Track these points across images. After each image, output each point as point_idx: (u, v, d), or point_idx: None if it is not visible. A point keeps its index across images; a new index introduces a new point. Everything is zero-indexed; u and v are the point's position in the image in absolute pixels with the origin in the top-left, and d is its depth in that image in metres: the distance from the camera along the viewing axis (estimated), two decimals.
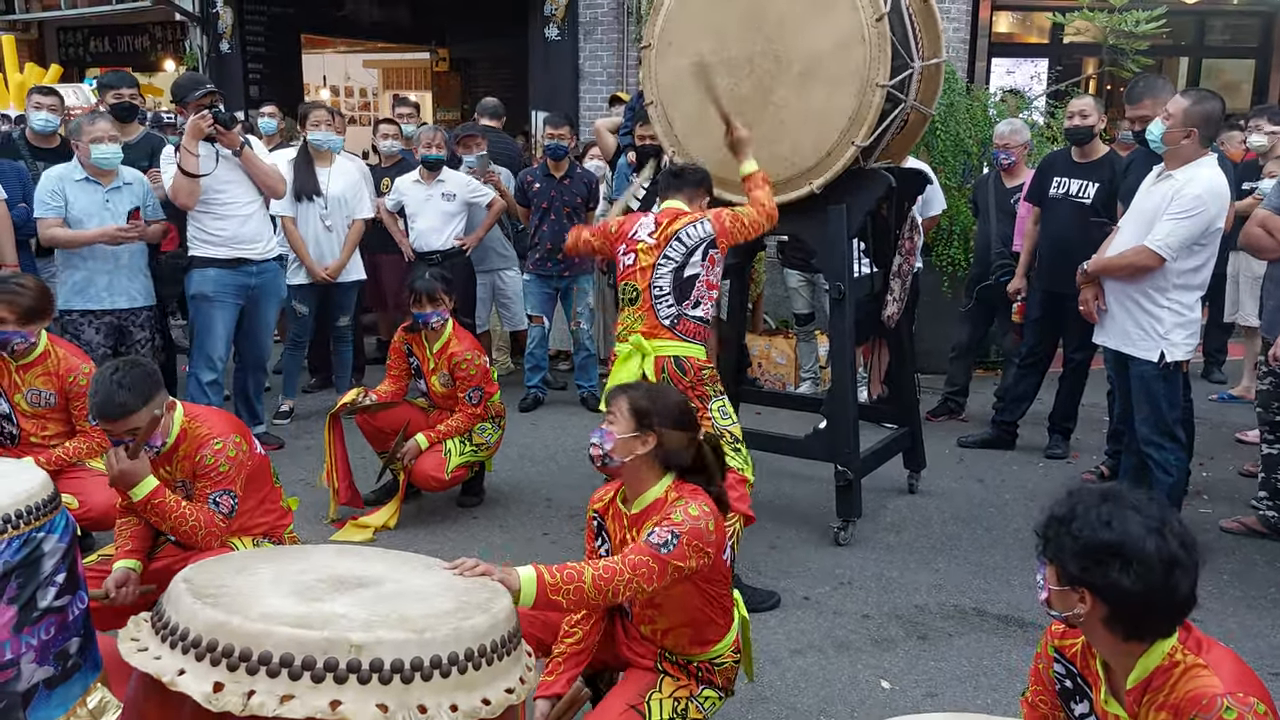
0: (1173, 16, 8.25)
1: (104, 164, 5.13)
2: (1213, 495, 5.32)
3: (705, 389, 3.98)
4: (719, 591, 2.77)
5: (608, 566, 2.47)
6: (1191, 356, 4.51)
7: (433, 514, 5.04)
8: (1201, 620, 3.73)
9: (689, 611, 2.75)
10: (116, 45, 15.00)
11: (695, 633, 2.78)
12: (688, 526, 2.54)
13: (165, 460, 3.30)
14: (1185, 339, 4.41)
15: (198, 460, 3.27)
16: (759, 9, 4.31)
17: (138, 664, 1.94)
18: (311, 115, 6.24)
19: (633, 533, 2.72)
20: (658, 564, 2.49)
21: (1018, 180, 6.26)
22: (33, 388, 4.08)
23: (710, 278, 4.01)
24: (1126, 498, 2.01)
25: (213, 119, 5.18)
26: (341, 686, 1.85)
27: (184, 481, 3.33)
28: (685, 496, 2.65)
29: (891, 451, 5.08)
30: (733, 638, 2.86)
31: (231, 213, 5.42)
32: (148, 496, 3.17)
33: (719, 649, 2.82)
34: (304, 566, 2.26)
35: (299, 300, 6.22)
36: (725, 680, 2.86)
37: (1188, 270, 4.34)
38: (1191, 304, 4.40)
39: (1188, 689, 1.93)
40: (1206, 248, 4.33)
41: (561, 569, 2.42)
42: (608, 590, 2.44)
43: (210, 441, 3.29)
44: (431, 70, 15.32)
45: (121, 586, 3.17)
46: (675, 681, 2.78)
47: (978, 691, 3.48)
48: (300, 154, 6.23)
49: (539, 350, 6.84)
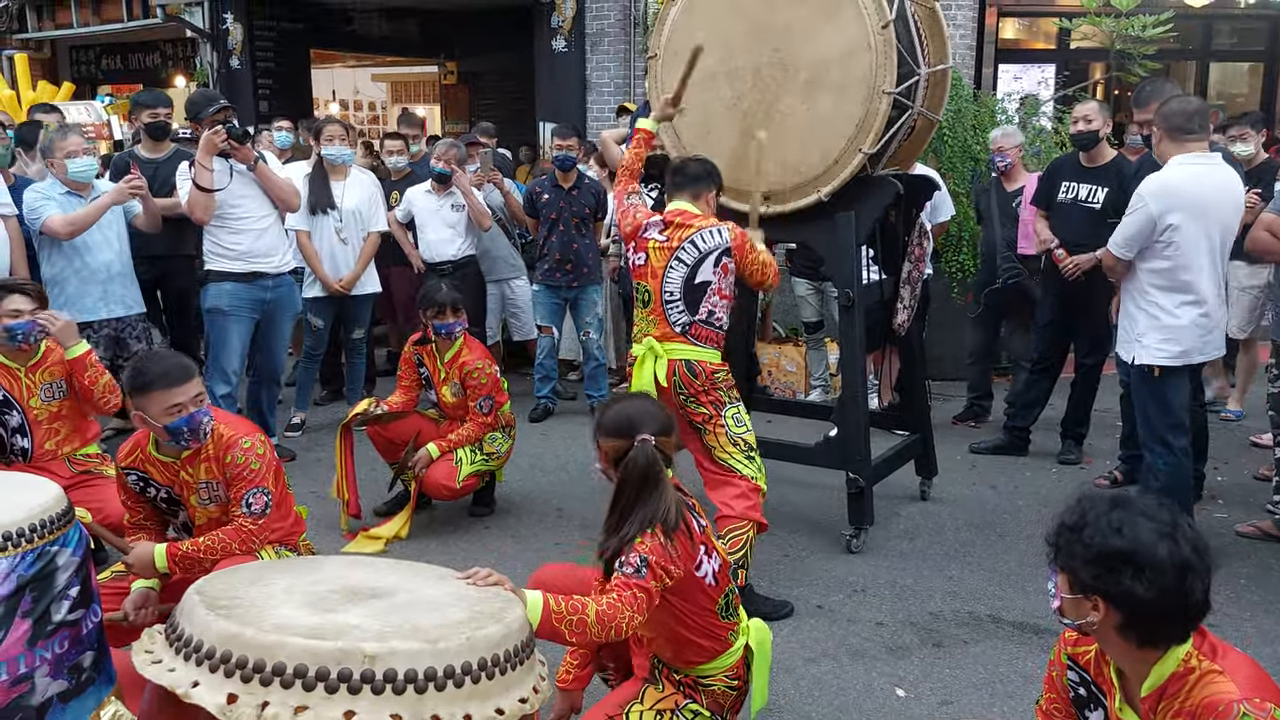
0: (1180, 21, 8.24)
1: (82, 177, 5.15)
2: (1227, 500, 5.29)
3: (719, 394, 3.91)
4: (698, 613, 2.73)
5: (610, 604, 2.47)
6: (1173, 363, 4.30)
7: (444, 524, 5.04)
8: (1218, 625, 3.72)
9: (664, 627, 2.73)
10: (128, 62, 15.12)
11: (675, 650, 2.77)
12: (648, 545, 2.55)
13: (188, 463, 3.31)
14: (1159, 342, 4.30)
15: (228, 461, 3.28)
16: (765, 18, 4.32)
17: (152, 676, 1.95)
18: (326, 130, 6.27)
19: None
20: (642, 591, 2.50)
21: (1018, 184, 6.26)
22: (45, 383, 4.14)
23: (722, 286, 3.93)
24: (1136, 504, 1.99)
25: (226, 134, 5.21)
26: (355, 697, 1.85)
27: (207, 483, 3.33)
28: None
29: (903, 458, 5.06)
30: (727, 663, 2.81)
31: (247, 227, 5.44)
32: (170, 562, 3.21)
33: (705, 669, 2.79)
34: (317, 577, 2.26)
35: (314, 314, 6.25)
36: (713, 702, 2.81)
37: (1158, 271, 4.29)
38: (1171, 307, 4.27)
39: (1203, 696, 1.92)
40: (1171, 246, 4.21)
41: (567, 599, 2.42)
42: (611, 626, 2.44)
43: (239, 441, 3.30)
44: (440, 83, 15.40)
45: (141, 608, 3.17)
46: (659, 693, 2.78)
47: (994, 699, 3.46)
48: (315, 168, 6.26)
49: (549, 360, 6.85)
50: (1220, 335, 4.44)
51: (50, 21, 14.33)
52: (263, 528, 3.33)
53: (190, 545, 3.25)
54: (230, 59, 11.91)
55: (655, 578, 2.53)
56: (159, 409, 3.15)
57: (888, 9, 4.12)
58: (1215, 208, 4.24)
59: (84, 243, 5.14)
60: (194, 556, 3.23)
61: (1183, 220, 4.18)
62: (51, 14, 14.23)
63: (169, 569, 3.22)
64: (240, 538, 3.26)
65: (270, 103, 11.67)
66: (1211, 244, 4.26)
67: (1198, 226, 4.20)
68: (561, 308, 6.84)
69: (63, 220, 5.07)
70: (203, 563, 3.23)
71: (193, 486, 3.32)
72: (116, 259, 5.26)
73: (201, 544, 3.25)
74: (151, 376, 3.16)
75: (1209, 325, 4.32)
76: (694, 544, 2.68)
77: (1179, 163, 4.24)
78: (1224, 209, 4.28)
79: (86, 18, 13.75)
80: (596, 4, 9.92)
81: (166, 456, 3.31)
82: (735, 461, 3.90)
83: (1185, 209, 4.19)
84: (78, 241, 5.12)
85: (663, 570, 2.54)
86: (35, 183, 5.36)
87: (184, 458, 3.29)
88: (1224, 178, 4.32)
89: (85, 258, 5.16)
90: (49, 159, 5.19)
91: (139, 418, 3.21)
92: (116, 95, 13.90)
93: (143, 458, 3.33)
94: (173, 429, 3.17)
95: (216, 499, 3.34)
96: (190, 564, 3.22)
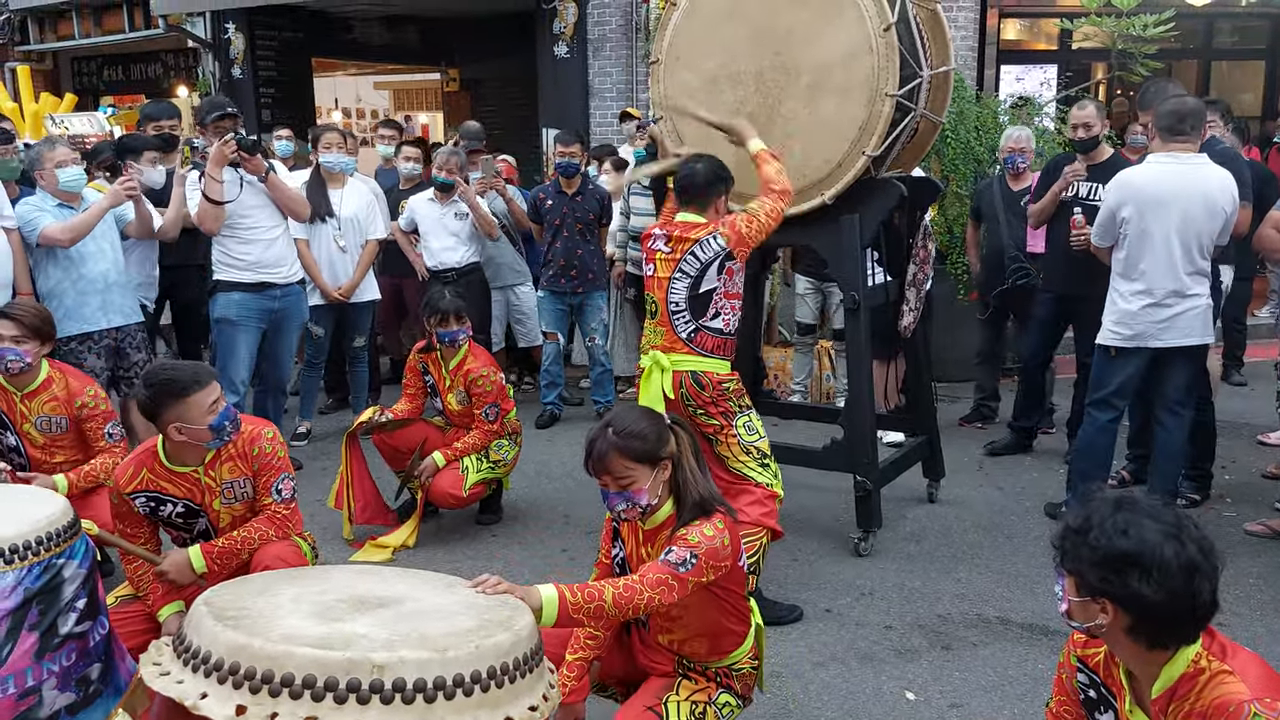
0: (1181, 20, 8.21)
1: (72, 186, 5.09)
2: (1235, 499, 5.27)
3: (728, 404, 3.88)
4: (735, 598, 2.77)
5: (628, 585, 2.47)
6: (1122, 344, 4.59)
7: (451, 532, 5.04)
8: (1227, 625, 3.70)
9: (706, 622, 2.75)
10: (130, 73, 15.15)
11: (713, 643, 2.79)
12: (704, 547, 2.55)
13: (210, 467, 3.31)
14: (1113, 325, 4.63)
15: (255, 454, 3.32)
16: (767, 22, 4.32)
17: (160, 688, 1.94)
18: (323, 138, 6.28)
19: (646, 548, 2.74)
20: (676, 581, 2.50)
21: (1024, 183, 6.25)
22: (42, 414, 4.08)
23: (728, 289, 3.89)
24: (1141, 505, 1.99)
25: (236, 145, 5.21)
26: (364, 707, 1.84)
27: (231, 482, 3.33)
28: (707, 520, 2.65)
29: (910, 461, 5.06)
30: (749, 645, 2.86)
31: (256, 237, 5.45)
32: (207, 560, 3.23)
33: (736, 655, 2.83)
34: (324, 587, 2.26)
35: (315, 322, 6.25)
36: (744, 687, 2.86)
37: (1118, 260, 4.61)
38: (1126, 294, 4.57)
39: (1214, 697, 1.91)
40: (1126, 238, 4.51)
41: (583, 589, 2.42)
42: (628, 607, 2.46)
43: (263, 432, 3.36)
44: (442, 90, 15.41)
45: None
46: (693, 685, 2.79)
47: (1004, 701, 3.45)
48: (313, 176, 6.27)
49: (554, 367, 6.84)
50: (1192, 324, 4.54)
51: (52, 33, 14.39)
52: (294, 512, 3.39)
53: (225, 540, 3.27)
54: (232, 68, 11.95)
55: (700, 572, 2.53)
56: (200, 411, 3.15)
57: (889, 11, 4.12)
58: (1174, 204, 4.42)
59: (79, 253, 5.09)
60: (231, 550, 3.25)
61: (1133, 214, 4.47)
62: (53, 26, 14.28)
63: (207, 567, 3.22)
64: (275, 524, 3.31)
65: (272, 112, 11.71)
66: (1167, 238, 4.43)
67: (1149, 220, 4.43)
68: (566, 314, 6.83)
69: (60, 227, 4.99)
70: (240, 554, 3.26)
71: (215, 490, 3.32)
72: (113, 268, 5.21)
73: (238, 536, 3.28)
74: (186, 382, 3.16)
75: (1160, 315, 4.51)
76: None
77: (1150, 160, 4.54)
78: (1190, 206, 4.42)
79: (88, 29, 13.81)
80: (598, 10, 9.93)
81: (184, 467, 3.29)
82: (750, 470, 3.89)
83: (1136, 203, 4.46)
84: (72, 252, 5.07)
85: (712, 565, 2.55)
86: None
87: (206, 463, 3.29)
88: (1196, 177, 4.44)
89: (81, 269, 5.11)
90: (38, 170, 5.15)
91: (175, 429, 3.16)
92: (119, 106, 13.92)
93: (153, 477, 3.29)
94: (216, 426, 3.19)
95: (243, 496, 3.35)
96: (228, 558, 3.24)
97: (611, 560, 2.89)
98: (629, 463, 2.62)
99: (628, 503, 2.64)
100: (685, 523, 2.64)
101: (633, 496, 2.63)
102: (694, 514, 2.66)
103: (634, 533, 2.80)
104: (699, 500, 2.68)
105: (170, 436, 3.21)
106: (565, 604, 2.37)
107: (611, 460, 2.62)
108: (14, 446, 4.09)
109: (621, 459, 2.61)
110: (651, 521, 2.72)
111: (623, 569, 2.81)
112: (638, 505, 2.64)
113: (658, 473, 2.66)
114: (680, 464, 2.71)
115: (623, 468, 2.62)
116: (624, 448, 2.62)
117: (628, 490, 2.63)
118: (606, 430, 2.67)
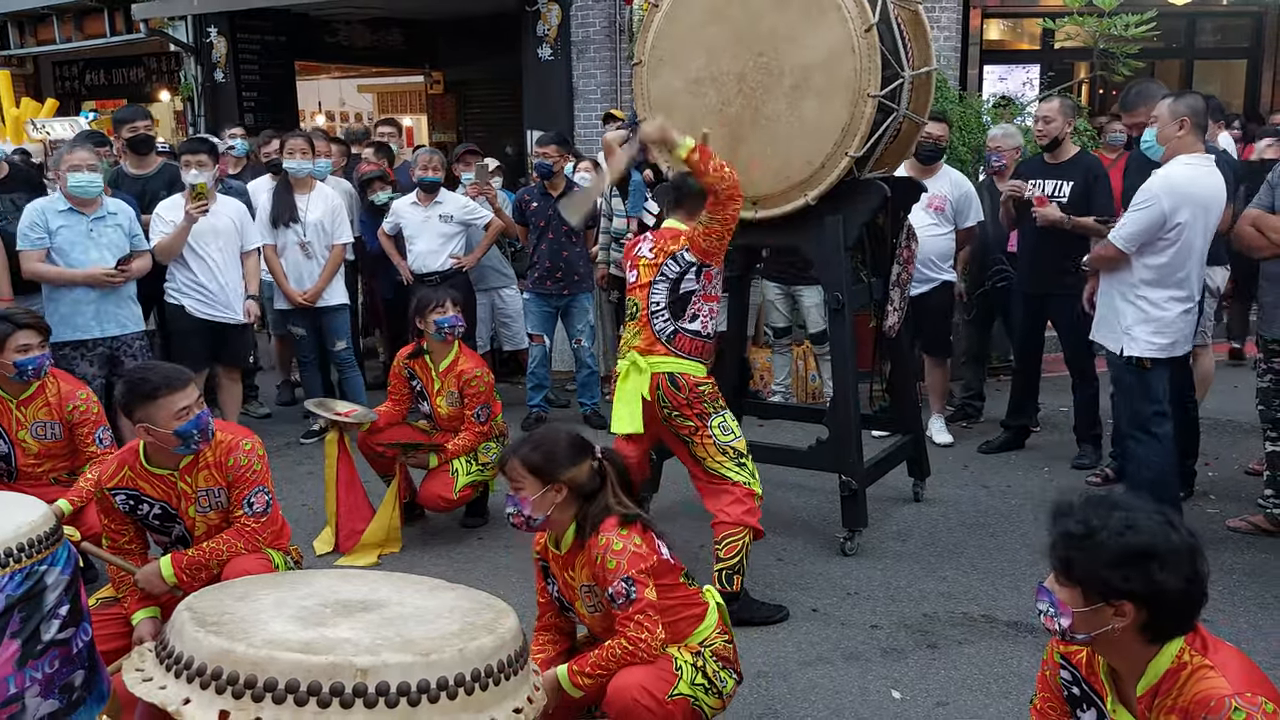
0: (1163, 19, 8.27)
1: (81, 193, 5.06)
2: (1218, 495, 5.30)
3: (703, 406, 3.93)
4: (675, 587, 2.87)
5: (630, 638, 2.69)
6: (1161, 355, 4.42)
7: (436, 536, 5.02)
8: (1212, 620, 3.71)
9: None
10: (112, 78, 15.09)
11: (672, 626, 2.86)
12: (626, 560, 2.70)
13: (186, 473, 3.30)
14: (1149, 335, 4.41)
15: (230, 465, 3.29)
16: (749, 23, 4.32)
17: (142, 694, 1.94)
18: (287, 144, 6.30)
19: (568, 573, 2.90)
20: (638, 611, 2.69)
21: None
22: (37, 420, 4.07)
23: (707, 292, 3.96)
24: (1129, 501, 2.02)
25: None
26: (348, 711, 1.84)
27: (207, 490, 3.31)
28: (601, 534, 2.76)
29: (896, 460, 5.07)
30: (713, 620, 2.95)
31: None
32: (176, 571, 3.23)
33: (701, 631, 2.91)
34: (307, 591, 2.25)
35: (293, 324, 6.28)
36: (727, 661, 2.93)
37: (1154, 266, 4.37)
38: (1160, 301, 4.38)
39: (1195, 691, 1.92)
40: (1172, 245, 4.31)
41: (591, 666, 2.71)
42: (639, 655, 2.68)
43: (240, 443, 3.33)
44: (426, 93, 15.37)
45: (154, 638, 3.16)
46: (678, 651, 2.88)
47: (990, 699, 3.46)
48: (280, 181, 6.30)
49: (540, 369, 6.83)
50: (1202, 325, 4.63)
51: (33, 38, 14.32)
52: (264, 526, 3.36)
53: (195, 551, 3.26)
54: (215, 72, 11.90)
55: (644, 583, 2.70)
56: (167, 415, 3.14)
57: (870, 12, 4.13)
58: (1212, 206, 4.38)
59: (77, 261, 5.09)
60: (199, 561, 3.24)
61: (1189, 218, 4.28)
62: (34, 30, 14.21)
63: (176, 577, 3.21)
64: (244, 537, 3.28)
65: (255, 115, 11.66)
66: (1203, 242, 4.39)
67: (1199, 225, 4.33)
68: (552, 316, 6.82)
69: (32, 269, 5.11)
70: (209, 566, 3.24)
71: (191, 496, 3.31)
72: None
73: (206, 548, 3.26)
74: (156, 384, 3.14)
75: (1192, 320, 4.49)
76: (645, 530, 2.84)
77: (1184, 162, 4.33)
78: (1215, 208, 4.42)
79: (69, 33, 13.73)
80: (582, 11, 9.94)
81: (161, 469, 3.29)
82: (727, 470, 3.92)
83: (1192, 207, 4.28)
84: (71, 259, 5.08)
85: (644, 572, 2.71)
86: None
87: (182, 467, 3.28)
88: (1217, 178, 4.43)
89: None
90: (55, 170, 5.16)
91: (143, 430, 3.17)
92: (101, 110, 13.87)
93: (132, 475, 3.30)
94: (183, 433, 3.16)
95: (218, 505, 3.33)
96: (197, 569, 3.23)
97: (550, 597, 3.02)
98: (522, 471, 2.79)
99: (514, 507, 2.81)
100: (582, 539, 2.80)
101: (519, 504, 2.79)
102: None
103: (555, 561, 2.93)
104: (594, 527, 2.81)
105: (140, 436, 3.23)
106: (578, 681, 2.71)
107: (510, 462, 2.83)
108: (4, 454, 4.07)
109: (518, 465, 2.80)
110: (564, 545, 2.87)
111: (562, 604, 2.98)
112: (522, 514, 2.80)
113: (548, 492, 2.78)
114: (586, 493, 2.83)
115: (516, 473, 2.80)
116: (524, 456, 2.80)
117: (515, 496, 2.80)
118: (529, 437, 2.91)
